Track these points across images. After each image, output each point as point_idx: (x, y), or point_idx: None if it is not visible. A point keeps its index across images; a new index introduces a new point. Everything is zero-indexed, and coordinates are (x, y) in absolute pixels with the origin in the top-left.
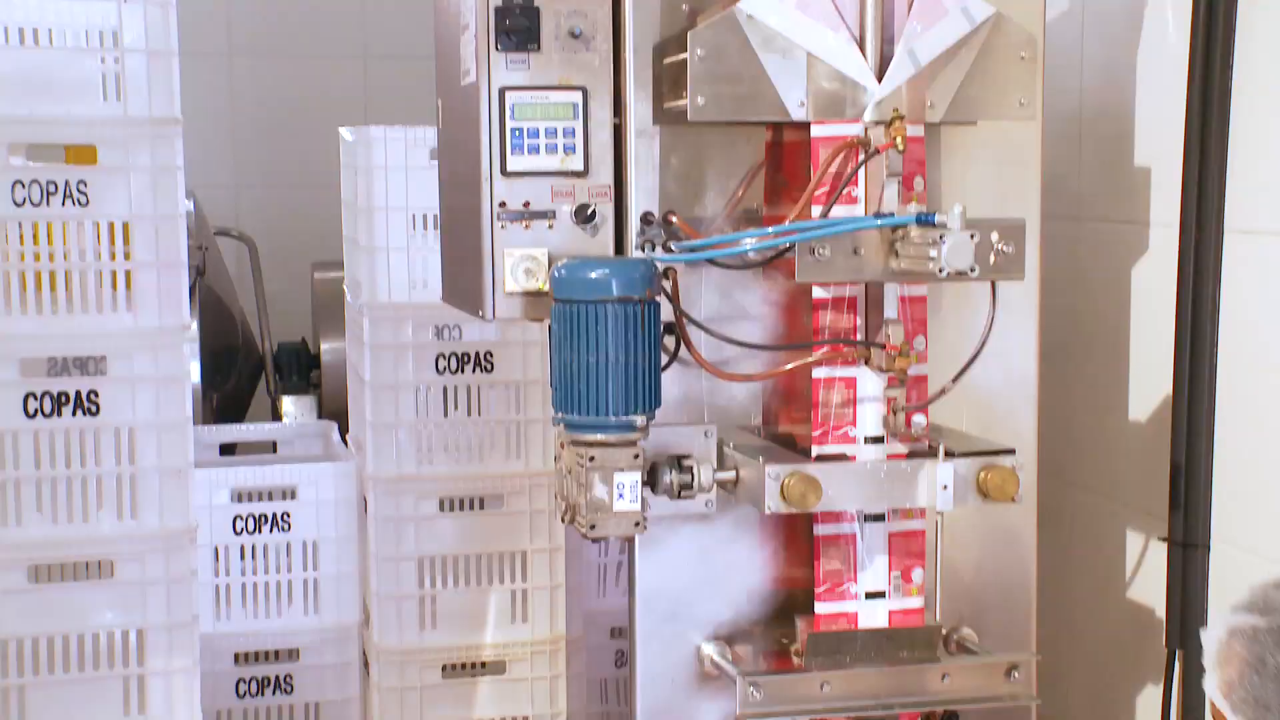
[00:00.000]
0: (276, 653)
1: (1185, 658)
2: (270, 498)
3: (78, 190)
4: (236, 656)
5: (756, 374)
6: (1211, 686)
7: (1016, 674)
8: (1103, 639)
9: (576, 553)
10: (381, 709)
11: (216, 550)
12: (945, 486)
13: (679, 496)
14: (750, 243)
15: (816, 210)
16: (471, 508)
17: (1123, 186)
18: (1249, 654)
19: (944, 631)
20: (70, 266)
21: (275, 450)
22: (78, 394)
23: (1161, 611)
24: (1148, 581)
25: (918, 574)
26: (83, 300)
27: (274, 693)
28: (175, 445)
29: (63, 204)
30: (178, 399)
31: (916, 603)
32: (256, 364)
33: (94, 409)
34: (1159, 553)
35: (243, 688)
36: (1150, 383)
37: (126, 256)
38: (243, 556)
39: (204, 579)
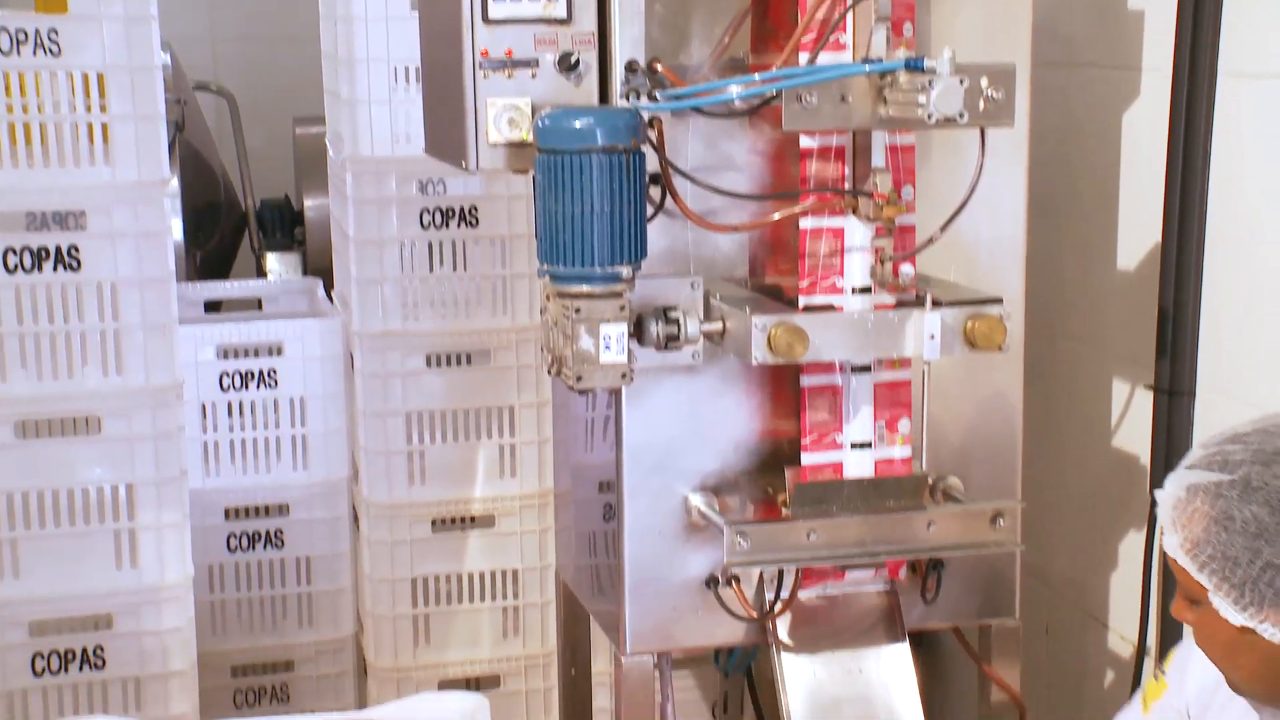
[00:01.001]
0: (267, 508)
1: None
2: (256, 354)
3: (49, 39)
4: (227, 512)
5: (743, 224)
6: (1173, 545)
7: (1001, 521)
8: (1088, 486)
9: (564, 406)
10: (372, 563)
11: (204, 407)
12: (932, 336)
13: (665, 348)
14: (736, 90)
15: (804, 57)
16: (458, 363)
17: (1115, 31)
18: (1214, 510)
19: (930, 481)
20: (45, 119)
21: (260, 307)
22: (58, 249)
23: (1146, 459)
24: (1133, 429)
25: (904, 424)
26: (59, 153)
27: (265, 547)
28: (158, 301)
29: (34, 54)
30: (159, 254)
31: (903, 452)
32: (239, 221)
33: (75, 264)
34: (1145, 400)
35: (233, 542)
36: (1140, 231)
37: (103, 109)
38: (230, 413)
39: (192, 435)
